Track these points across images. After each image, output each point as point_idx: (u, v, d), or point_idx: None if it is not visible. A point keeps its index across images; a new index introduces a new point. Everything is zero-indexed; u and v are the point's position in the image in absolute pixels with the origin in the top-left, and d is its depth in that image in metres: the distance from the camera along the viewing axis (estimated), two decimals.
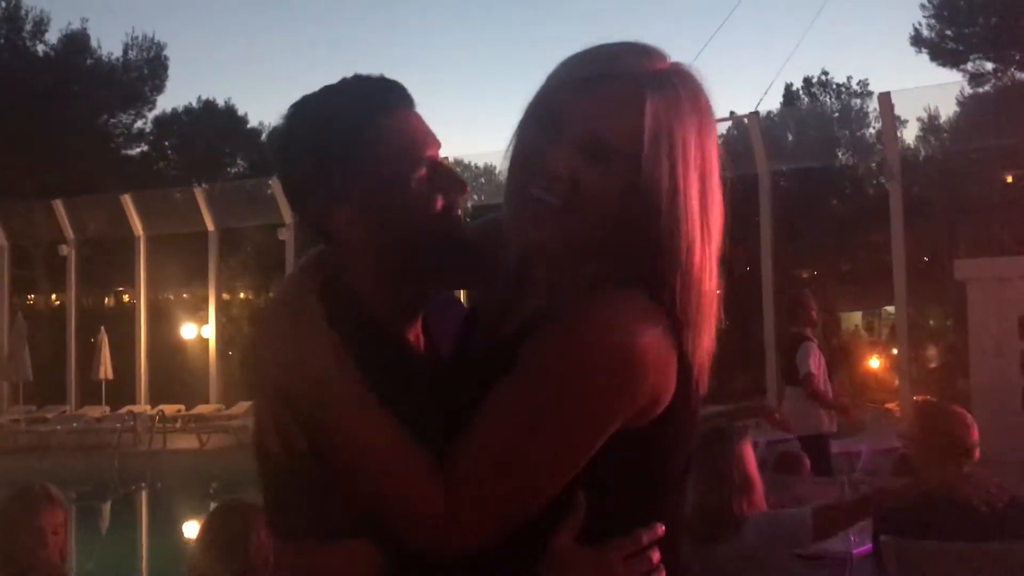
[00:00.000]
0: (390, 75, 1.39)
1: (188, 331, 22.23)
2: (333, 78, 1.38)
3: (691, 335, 1.28)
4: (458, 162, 23.99)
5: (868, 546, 3.90)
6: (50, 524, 2.93)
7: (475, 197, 28.63)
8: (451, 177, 1.35)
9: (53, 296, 25.35)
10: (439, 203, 1.33)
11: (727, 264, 1.34)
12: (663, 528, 1.29)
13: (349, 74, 1.37)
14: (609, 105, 1.25)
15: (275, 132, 1.39)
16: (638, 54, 1.29)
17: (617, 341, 1.21)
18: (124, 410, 18.17)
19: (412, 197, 1.32)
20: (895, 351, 17.17)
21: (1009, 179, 21.58)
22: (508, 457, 1.21)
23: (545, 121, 1.28)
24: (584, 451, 1.23)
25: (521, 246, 1.33)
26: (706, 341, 1.31)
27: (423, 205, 1.32)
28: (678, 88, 1.27)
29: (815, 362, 7.33)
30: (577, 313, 1.23)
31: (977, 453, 3.47)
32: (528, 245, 1.32)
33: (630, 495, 1.28)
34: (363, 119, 1.32)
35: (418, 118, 1.36)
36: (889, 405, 15.63)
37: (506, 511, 1.22)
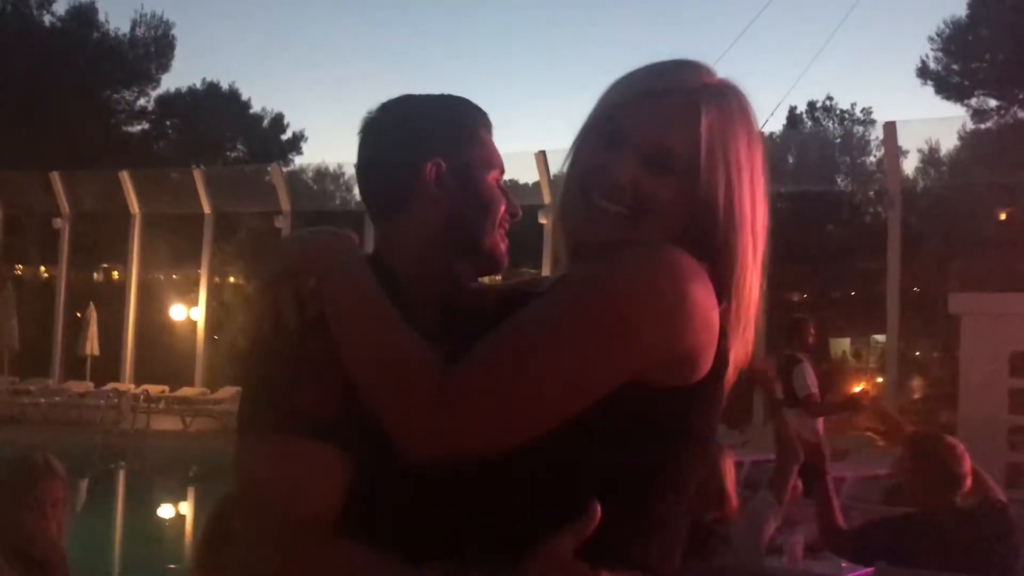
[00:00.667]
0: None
1: (177, 312, 22.16)
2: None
3: (734, 331, 1.31)
4: None
5: (860, 571, 3.92)
6: (50, 497, 2.90)
7: None
8: (512, 198, 1.46)
9: (42, 268, 25.22)
10: (503, 209, 1.43)
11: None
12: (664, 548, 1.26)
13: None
14: (668, 117, 1.30)
15: (368, 116, 1.46)
16: (692, 69, 1.35)
17: (666, 278, 1.21)
18: (108, 387, 18.10)
19: (488, 188, 1.42)
20: (880, 380, 17.23)
21: (1003, 216, 21.71)
22: (515, 366, 1.18)
23: (606, 134, 1.33)
24: (598, 381, 1.19)
25: (579, 247, 1.37)
26: (747, 346, 1.34)
27: (491, 201, 1.42)
28: (730, 102, 1.33)
29: (813, 383, 7.43)
30: (625, 252, 1.24)
31: (969, 482, 3.50)
32: (588, 247, 1.34)
33: (641, 469, 1.25)
34: (465, 110, 1.46)
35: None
36: (872, 433, 15.68)
37: (496, 423, 1.18)
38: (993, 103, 25.83)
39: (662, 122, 1.30)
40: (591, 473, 1.23)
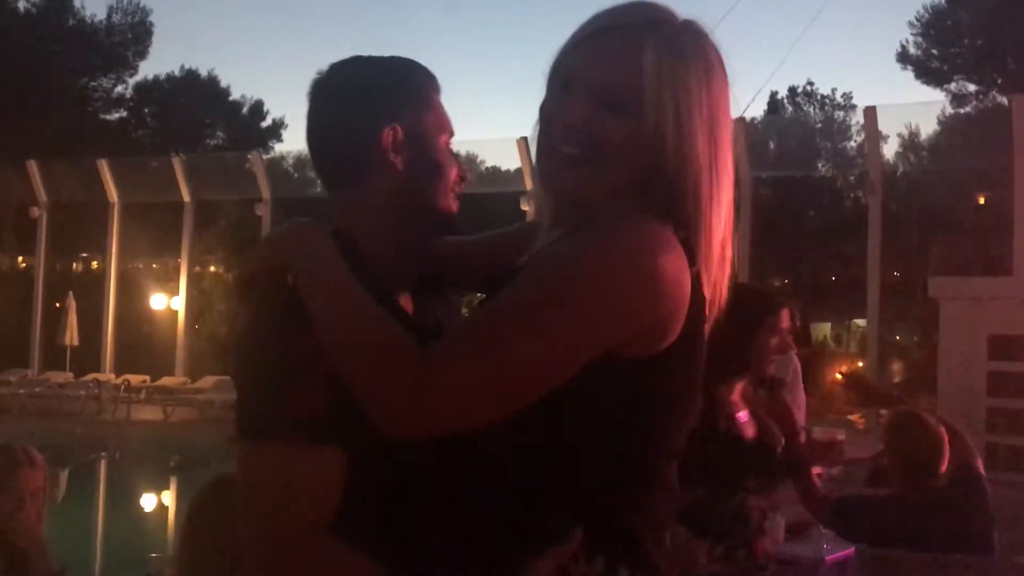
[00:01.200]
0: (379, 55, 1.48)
1: (158, 302, 22.03)
2: (318, 60, 1.47)
3: (707, 271, 1.30)
4: None
5: (840, 552, 3.94)
6: (29, 486, 2.90)
7: None
8: (460, 161, 1.47)
9: (20, 258, 25.01)
10: (455, 173, 1.44)
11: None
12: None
13: (333, 57, 1.46)
14: (613, 55, 1.29)
15: (318, 78, 1.44)
16: (644, 9, 1.32)
17: (631, 248, 1.21)
18: (89, 377, 17.99)
19: (441, 152, 1.43)
20: (861, 364, 17.36)
21: (982, 200, 21.87)
22: (494, 336, 1.19)
23: (558, 79, 1.34)
24: (572, 356, 1.20)
25: (550, 197, 1.38)
26: (719, 283, 1.33)
27: (445, 165, 1.43)
28: (683, 41, 1.29)
29: (789, 369, 7.44)
30: (593, 227, 1.24)
31: (945, 465, 3.53)
32: (556, 195, 1.36)
33: (628, 438, 1.26)
34: (417, 72, 1.45)
35: None
36: (853, 417, 15.82)
37: (477, 400, 1.19)
38: (972, 88, 25.99)
39: (608, 60, 1.28)
40: (575, 449, 1.24)
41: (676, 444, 1.33)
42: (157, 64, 48.29)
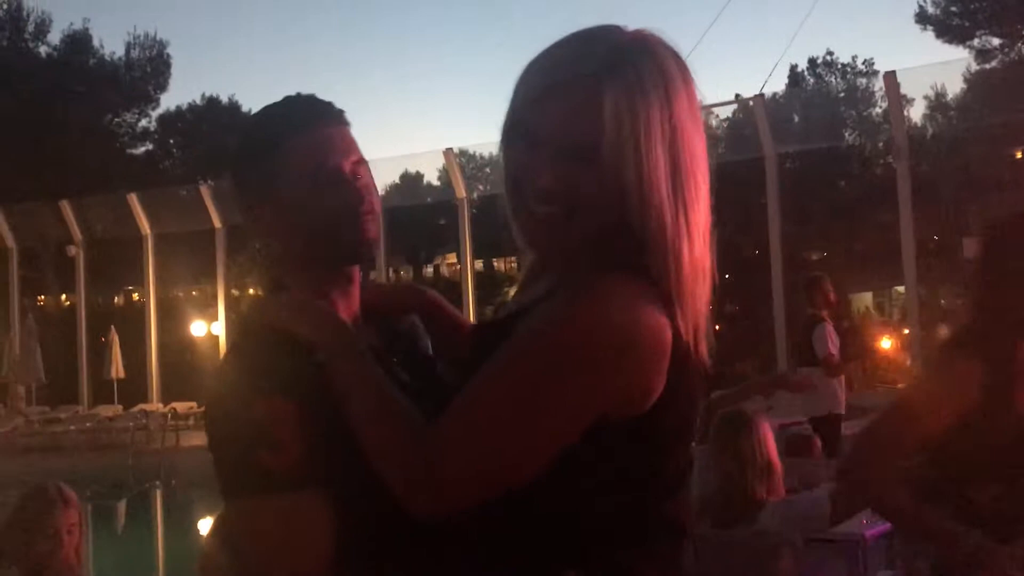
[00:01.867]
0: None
1: (198, 328, 22.30)
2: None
3: (681, 306, 1.28)
4: (463, 152, 23.94)
5: (881, 527, 3.90)
6: (65, 524, 2.96)
7: (479, 187, 28.53)
8: (352, 188, 1.43)
9: (63, 297, 25.46)
10: (355, 199, 1.43)
11: (733, 248, 1.33)
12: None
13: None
14: (574, 108, 1.26)
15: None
16: (594, 43, 1.29)
17: (610, 317, 1.22)
18: (137, 408, 18.27)
19: (325, 192, 1.41)
20: (906, 331, 17.11)
21: (1018, 155, 21.47)
22: (490, 422, 1.22)
23: (521, 136, 1.31)
24: (568, 429, 1.22)
25: (539, 257, 1.40)
26: (699, 307, 1.30)
27: (336, 201, 1.41)
28: (637, 66, 1.26)
29: (832, 343, 7.41)
30: (571, 292, 1.25)
31: None
32: (534, 250, 1.38)
33: (627, 491, 1.27)
34: (278, 132, 1.43)
35: (337, 133, 1.45)
36: (901, 386, 15.61)
37: (484, 479, 1.22)
38: (996, 42, 25.53)
39: (571, 114, 1.26)
40: (568, 504, 1.26)
41: (675, 480, 1.33)
42: (178, 95, 48.90)
